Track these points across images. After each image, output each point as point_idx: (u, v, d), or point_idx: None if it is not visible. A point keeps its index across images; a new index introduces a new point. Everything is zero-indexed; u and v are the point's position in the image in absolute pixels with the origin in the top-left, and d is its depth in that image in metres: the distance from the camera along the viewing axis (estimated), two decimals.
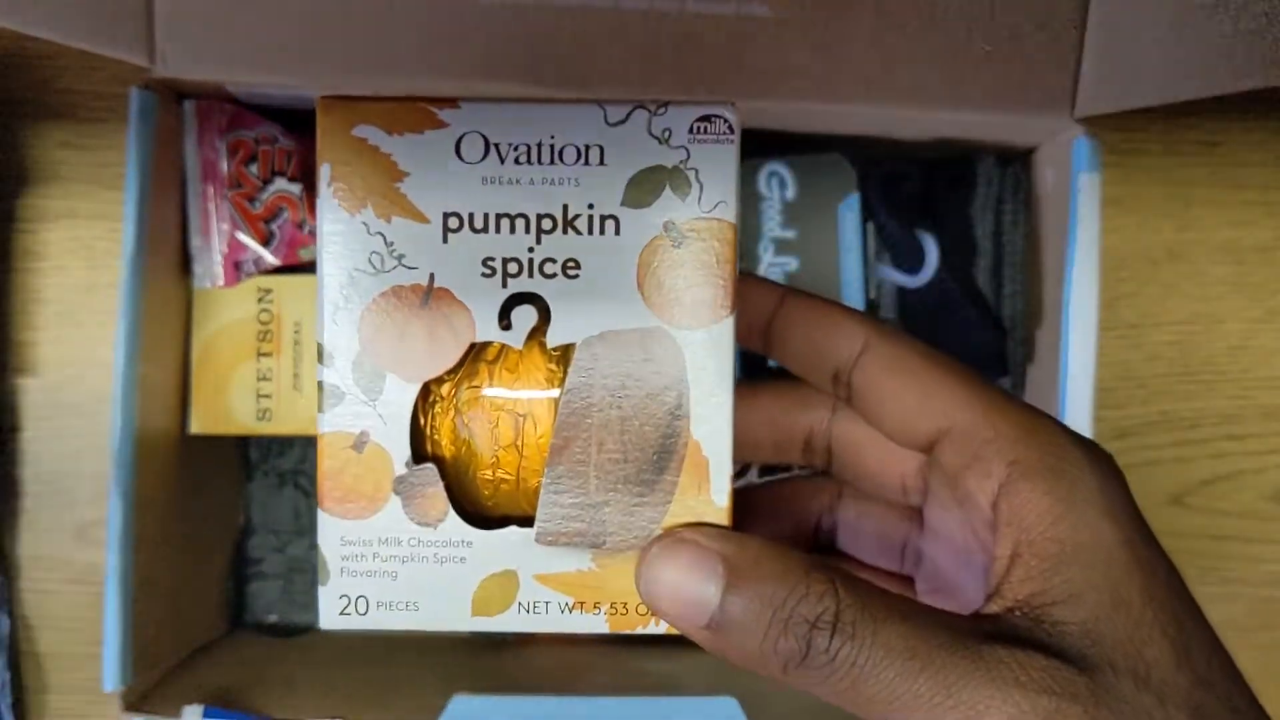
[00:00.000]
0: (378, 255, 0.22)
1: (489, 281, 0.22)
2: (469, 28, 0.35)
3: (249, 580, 0.46)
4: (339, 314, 0.22)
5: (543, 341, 0.23)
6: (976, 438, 0.22)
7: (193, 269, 0.40)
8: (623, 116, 0.22)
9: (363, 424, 0.22)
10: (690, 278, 0.22)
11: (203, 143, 0.39)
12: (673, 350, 0.22)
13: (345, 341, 0.22)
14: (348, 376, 0.22)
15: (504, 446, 0.23)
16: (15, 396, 0.46)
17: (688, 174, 0.22)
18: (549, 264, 0.22)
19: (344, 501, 0.22)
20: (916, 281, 0.41)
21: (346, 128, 0.22)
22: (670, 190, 0.22)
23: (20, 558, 0.46)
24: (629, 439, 0.22)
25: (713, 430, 0.22)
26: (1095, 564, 0.20)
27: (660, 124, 0.22)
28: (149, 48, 0.35)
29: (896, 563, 0.27)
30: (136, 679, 0.37)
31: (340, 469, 0.22)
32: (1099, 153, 0.37)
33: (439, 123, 0.22)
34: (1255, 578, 0.48)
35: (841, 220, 0.40)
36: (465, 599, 0.23)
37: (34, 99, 0.46)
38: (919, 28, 0.36)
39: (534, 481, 0.23)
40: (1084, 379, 0.38)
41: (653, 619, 0.23)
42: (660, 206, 0.22)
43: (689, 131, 0.22)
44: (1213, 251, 0.48)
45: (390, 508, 0.22)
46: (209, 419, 0.40)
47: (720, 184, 0.22)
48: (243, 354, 0.40)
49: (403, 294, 0.22)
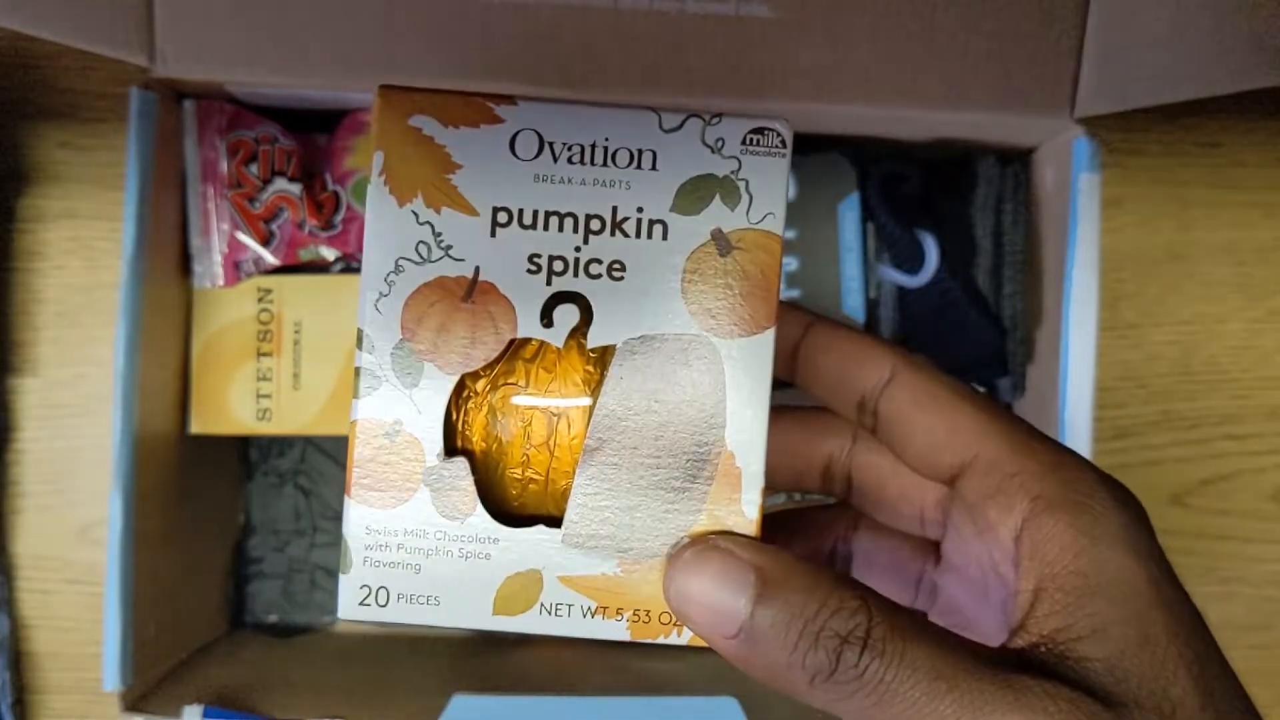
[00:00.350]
0: (425, 245, 0.22)
1: (534, 278, 0.22)
2: (469, 28, 0.35)
3: (249, 580, 0.46)
4: (382, 301, 0.22)
5: (582, 342, 0.22)
6: (1001, 471, 0.22)
7: (193, 269, 0.40)
8: (677, 124, 0.22)
9: (397, 412, 0.22)
10: (734, 287, 0.22)
11: (203, 143, 0.39)
12: (712, 358, 0.22)
13: (386, 329, 0.22)
14: (386, 364, 0.22)
15: (536, 445, 0.23)
16: (15, 396, 0.46)
17: (738, 184, 0.22)
18: (594, 264, 0.22)
19: (372, 489, 0.22)
20: (916, 281, 0.41)
21: (403, 117, 0.22)
22: (720, 199, 0.22)
23: (20, 558, 0.46)
24: (663, 445, 0.22)
25: (747, 441, 0.22)
26: (1120, 600, 0.20)
27: (714, 133, 0.22)
28: (149, 47, 0.35)
29: (910, 596, 0.26)
30: (136, 679, 0.37)
31: (372, 456, 0.22)
32: (1099, 153, 0.37)
33: (495, 118, 0.22)
34: (1254, 578, 0.48)
35: (841, 220, 0.40)
36: (488, 597, 0.22)
37: (34, 99, 0.46)
38: (919, 28, 0.36)
39: (563, 483, 0.23)
40: (1084, 379, 0.38)
41: (675, 629, 0.22)
42: (709, 215, 0.22)
43: (742, 143, 0.22)
44: (1213, 251, 0.48)
45: (418, 499, 0.22)
46: (209, 419, 0.40)
47: (770, 196, 0.22)
48: (243, 354, 0.40)
49: (447, 285, 0.22)
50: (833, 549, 0.28)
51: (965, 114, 0.37)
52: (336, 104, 0.39)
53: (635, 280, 0.22)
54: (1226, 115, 0.48)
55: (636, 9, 0.35)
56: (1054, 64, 0.36)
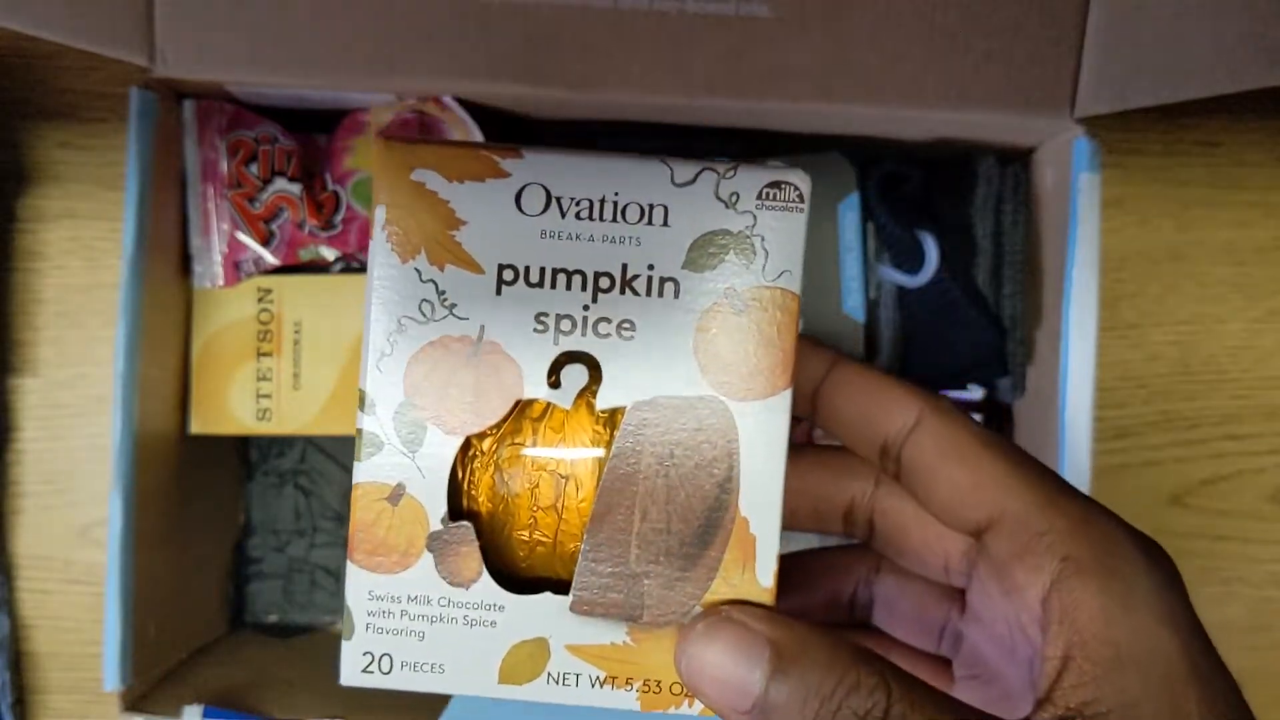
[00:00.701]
0: (428, 303, 0.21)
1: (541, 337, 0.22)
2: (469, 27, 0.35)
3: (249, 580, 0.46)
4: (384, 361, 0.22)
5: (591, 402, 0.22)
6: (1029, 529, 0.21)
7: (193, 269, 0.40)
8: (690, 177, 0.22)
9: (400, 475, 0.22)
10: (749, 347, 0.21)
11: (203, 143, 0.39)
12: (725, 421, 0.22)
13: (388, 389, 0.22)
14: (388, 425, 0.22)
15: (543, 508, 0.23)
16: (15, 396, 0.46)
17: (753, 240, 0.21)
18: (604, 323, 0.22)
19: (375, 555, 0.22)
20: (916, 281, 0.41)
21: (405, 171, 0.22)
22: (734, 256, 0.21)
23: (20, 558, 0.46)
24: (674, 510, 0.22)
25: (762, 507, 0.22)
26: (1152, 673, 0.19)
27: (728, 187, 0.21)
28: (149, 47, 0.35)
29: (934, 643, 0.26)
30: (136, 679, 0.37)
31: (373, 521, 0.22)
32: (1099, 153, 0.37)
33: (500, 172, 0.22)
34: (1254, 578, 0.48)
35: (841, 220, 0.40)
36: (493, 665, 0.22)
37: (34, 99, 0.46)
38: (919, 28, 0.36)
39: (571, 546, 0.23)
40: (1084, 379, 0.38)
41: (687, 701, 0.22)
42: (723, 272, 0.21)
43: (758, 197, 0.21)
44: (1213, 251, 0.48)
45: (422, 564, 0.22)
46: (209, 419, 0.40)
47: (786, 253, 0.21)
48: (243, 354, 0.40)
49: (451, 344, 0.22)
50: (854, 592, 0.27)
51: (965, 114, 0.37)
52: (336, 104, 0.39)
53: (646, 339, 0.22)
54: (1226, 115, 0.48)
55: (636, 9, 0.35)
56: (1054, 64, 0.36)
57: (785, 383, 0.22)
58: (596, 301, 0.22)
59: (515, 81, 0.36)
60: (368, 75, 0.36)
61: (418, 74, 0.36)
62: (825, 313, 0.40)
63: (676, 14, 0.35)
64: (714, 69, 0.36)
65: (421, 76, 0.36)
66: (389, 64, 0.36)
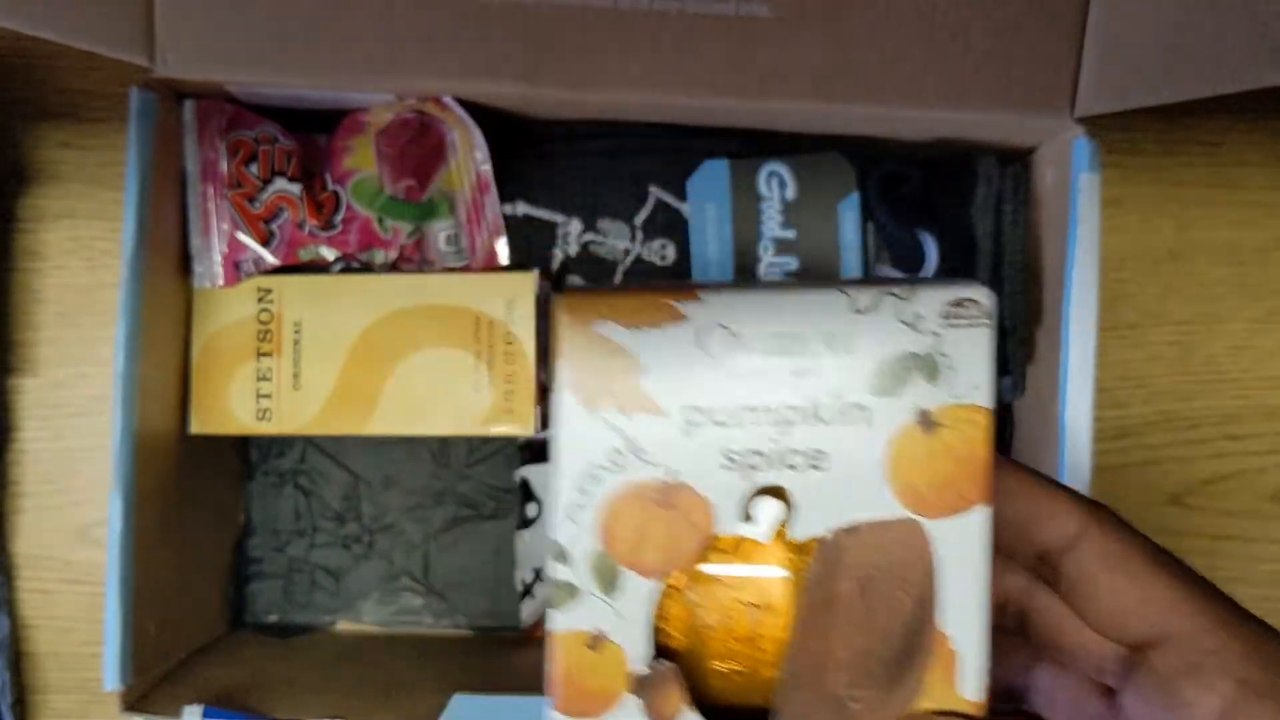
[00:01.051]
0: (617, 451, 0.22)
1: (731, 474, 0.22)
2: (469, 28, 0.35)
3: (249, 580, 0.46)
4: (576, 512, 0.22)
5: (784, 534, 0.22)
6: (1199, 647, 0.21)
7: (193, 269, 0.40)
8: (870, 304, 0.21)
9: (599, 621, 0.22)
10: (942, 467, 0.21)
11: (203, 143, 0.39)
12: (922, 541, 0.21)
13: (582, 539, 0.22)
14: (585, 574, 0.22)
15: (739, 638, 0.23)
16: (15, 396, 0.46)
17: (939, 360, 0.21)
18: (794, 455, 0.21)
19: (577, 702, 0.22)
20: None
21: (586, 324, 0.22)
22: (921, 376, 0.21)
23: (20, 558, 0.46)
24: (873, 634, 0.22)
25: (964, 623, 0.21)
26: None
27: (910, 310, 0.21)
28: (149, 47, 0.35)
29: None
30: (136, 679, 0.37)
31: (575, 669, 0.22)
32: (1099, 153, 0.37)
33: (679, 315, 0.22)
34: (1255, 578, 0.48)
35: (841, 220, 0.40)
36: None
37: (34, 99, 0.46)
38: (919, 27, 0.36)
39: (769, 674, 0.23)
40: (1084, 379, 0.38)
41: None
42: (911, 394, 0.21)
43: (940, 316, 0.21)
44: (1213, 251, 0.48)
45: (624, 707, 0.22)
46: (209, 419, 0.40)
47: (974, 369, 0.21)
48: (243, 354, 0.40)
49: (642, 489, 0.22)
50: (1010, 680, 0.27)
51: (965, 114, 0.37)
52: (336, 104, 0.39)
53: (837, 468, 0.21)
54: (1226, 115, 0.48)
55: (636, 9, 0.35)
56: (1054, 64, 0.36)
57: (982, 498, 0.21)
58: (785, 435, 0.21)
59: (515, 81, 0.36)
60: (368, 75, 0.36)
61: (417, 74, 0.36)
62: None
63: (676, 14, 0.35)
64: (714, 69, 0.36)
65: (421, 76, 0.36)
66: (389, 64, 0.36)
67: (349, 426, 0.39)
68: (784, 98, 0.36)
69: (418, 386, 0.39)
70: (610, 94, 0.36)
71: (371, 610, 0.46)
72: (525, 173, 0.40)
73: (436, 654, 0.44)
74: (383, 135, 0.39)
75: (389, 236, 0.39)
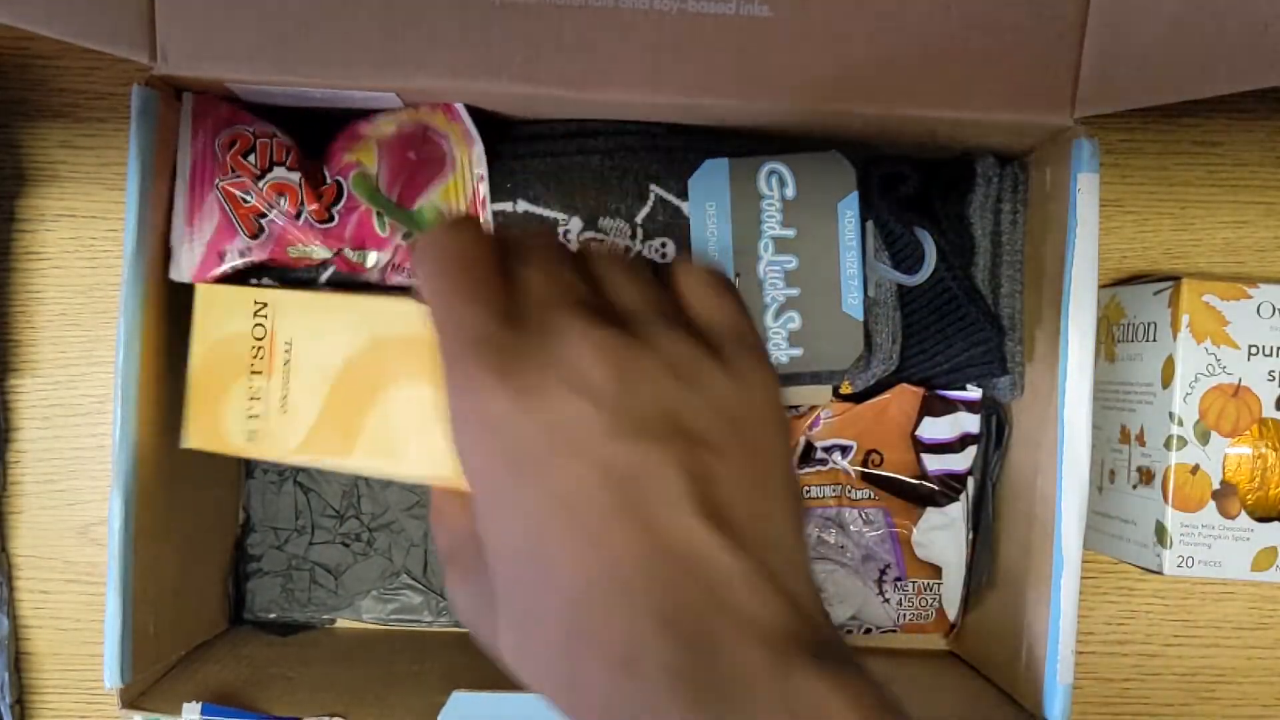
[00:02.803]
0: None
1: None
2: (469, 27, 0.35)
3: (249, 577, 0.46)
4: None
5: None
6: None
7: (175, 256, 0.38)
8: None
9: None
10: None
11: (197, 133, 0.38)
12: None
13: None
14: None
15: None
16: (15, 396, 0.46)
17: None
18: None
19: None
20: (915, 280, 0.41)
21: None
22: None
23: (20, 558, 0.47)
24: None
25: None
26: None
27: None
28: (150, 46, 0.35)
29: None
30: (136, 676, 0.37)
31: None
32: (1098, 153, 0.37)
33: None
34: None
35: (841, 219, 0.40)
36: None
37: (34, 99, 0.46)
38: (918, 28, 0.36)
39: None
40: (1084, 379, 0.38)
41: None
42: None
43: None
44: (1212, 251, 0.48)
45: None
46: (201, 435, 0.38)
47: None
48: (237, 370, 0.37)
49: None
50: None
51: (965, 114, 0.37)
52: (338, 103, 0.39)
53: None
54: (1226, 115, 0.48)
55: (636, 9, 0.35)
56: (1054, 64, 0.36)
57: None
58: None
59: (515, 81, 0.36)
60: (368, 74, 0.36)
61: (418, 73, 0.36)
62: (825, 312, 0.40)
63: (676, 14, 0.36)
64: (714, 69, 0.36)
65: (421, 75, 0.36)
66: (389, 63, 0.36)
67: (331, 456, 0.36)
68: (784, 98, 0.36)
69: (399, 420, 0.35)
70: (610, 94, 0.36)
71: (371, 608, 0.46)
72: (526, 171, 0.40)
73: (436, 651, 0.44)
74: (384, 146, 0.39)
75: (386, 234, 0.39)
